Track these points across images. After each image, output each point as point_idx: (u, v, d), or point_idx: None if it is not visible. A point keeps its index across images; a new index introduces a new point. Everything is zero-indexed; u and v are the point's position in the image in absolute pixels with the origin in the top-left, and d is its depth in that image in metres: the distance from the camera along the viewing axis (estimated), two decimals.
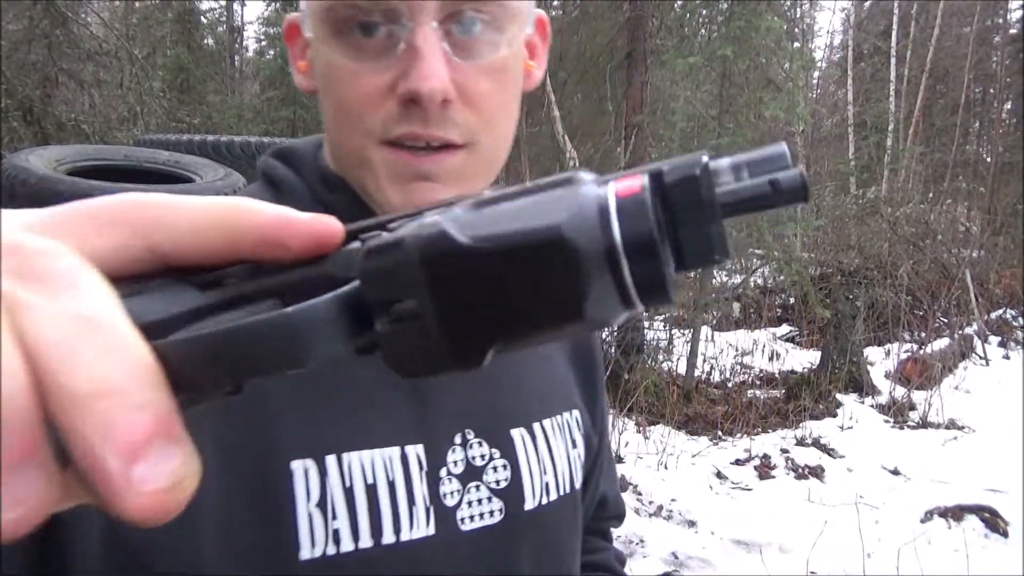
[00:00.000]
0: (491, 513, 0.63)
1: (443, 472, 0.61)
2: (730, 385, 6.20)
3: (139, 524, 0.20)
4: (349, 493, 0.55)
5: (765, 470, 4.39)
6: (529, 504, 0.65)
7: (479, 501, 0.62)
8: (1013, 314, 8.03)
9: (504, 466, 0.64)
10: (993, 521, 3.57)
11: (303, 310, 0.21)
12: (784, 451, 4.64)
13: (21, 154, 3.09)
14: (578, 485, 0.73)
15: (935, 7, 15.05)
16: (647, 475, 4.20)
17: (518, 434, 0.66)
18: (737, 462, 4.52)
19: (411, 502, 0.58)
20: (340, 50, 0.58)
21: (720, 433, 5.05)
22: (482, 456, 0.64)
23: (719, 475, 4.31)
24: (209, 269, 0.25)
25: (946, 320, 7.21)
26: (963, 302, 7.44)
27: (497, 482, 0.64)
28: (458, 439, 0.63)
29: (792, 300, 8.45)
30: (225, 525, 0.51)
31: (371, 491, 0.56)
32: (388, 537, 0.56)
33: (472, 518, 0.62)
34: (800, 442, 4.78)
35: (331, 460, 0.56)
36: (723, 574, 3.30)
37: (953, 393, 5.61)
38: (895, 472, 4.36)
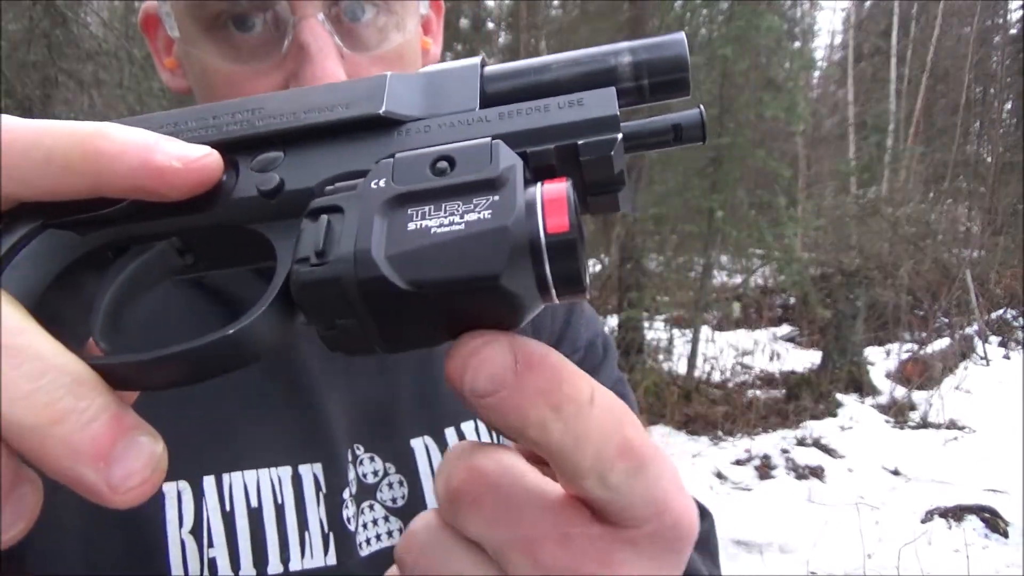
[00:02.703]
0: (389, 534, 0.55)
1: (346, 493, 0.54)
2: (730, 385, 6.19)
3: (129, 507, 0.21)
4: (229, 518, 0.49)
5: (765, 470, 4.38)
6: None
7: (374, 522, 0.55)
8: (1013, 314, 8.02)
9: (400, 482, 0.57)
10: (993, 521, 3.57)
11: (247, 329, 0.23)
12: (784, 451, 4.64)
13: None
14: None
15: (935, 7, 15.05)
16: None
17: (420, 444, 0.59)
18: (737, 462, 4.52)
19: (303, 527, 0.51)
20: (215, 50, 0.52)
21: (720, 433, 5.05)
22: (374, 472, 0.57)
23: (719, 475, 4.31)
24: (75, 204, 0.25)
25: (946, 320, 7.20)
26: (963, 302, 7.43)
27: (393, 500, 0.56)
28: (349, 455, 0.56)
29: (792, 300, 8.45)
30: (93, 557, 0.47)
31: (255, 516, 0.50)
32: (275, 567, 0.50)
33: (369, 541, 0.54)
34: (800, 442, 4.78)
35: (209, 481, 0.50)
36: (723, 574, 3.30)
37: (953, 393, 5.60)
38: (895, 472, 4.36)
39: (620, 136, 0.25)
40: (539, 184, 0.23)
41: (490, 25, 13.43)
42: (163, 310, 0.53)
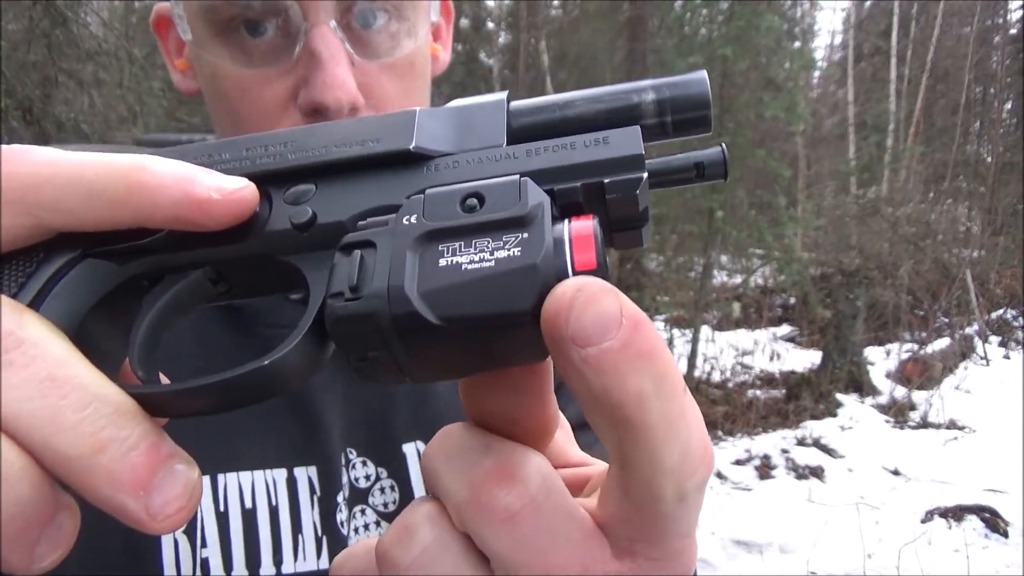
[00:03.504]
0: None
1: (340, 497, 0.54)
2: (730, 385, 6.19)
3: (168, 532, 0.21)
4: (223, 518, 0.49)
5: (765, 470, 4.38)
6: None
7: (366, 527, 0.55)
8: (1013, 314, 8.02)
9: (392, 487, 0.57)
10: (993, 521, 3.57)
11: (282, 360, 0.23)
12: (784, 451, 4.64)
13: None
14: None
15: (935, 7, 15.04)
16: None
17: (412, 449, 0.59)
18: (737, 462, 4.52)
19: (296, 530, 0.51)
20: (227, 54, 0.52)
21: (720, 433, 5.05)
22: (366, 477, 0.56)
23: (719, 475, 4.31)
24: (113, 234, 0.25)
25: (946, 320, 7.20)
26: (963, 302, 7.43)
27: (385, 504, 0.56)
28: (342, 459, 0.56)
29: (792, 300, 8.45)
30: (87, 556, 0.46)
31: (249, 517, 0.50)
32: (267, 568, 0.50)
33: None
34: (800, 442, 4.78)
35: (204, 482, 0.49)
36: (723, 574, 3.30)
37: (953, 393, 5.60)
38: (895, 472, 4.36)
39: (645, 175, 0.26)
40: (566, 221, 0.24)
41: (490, 25, 13.42)
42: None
